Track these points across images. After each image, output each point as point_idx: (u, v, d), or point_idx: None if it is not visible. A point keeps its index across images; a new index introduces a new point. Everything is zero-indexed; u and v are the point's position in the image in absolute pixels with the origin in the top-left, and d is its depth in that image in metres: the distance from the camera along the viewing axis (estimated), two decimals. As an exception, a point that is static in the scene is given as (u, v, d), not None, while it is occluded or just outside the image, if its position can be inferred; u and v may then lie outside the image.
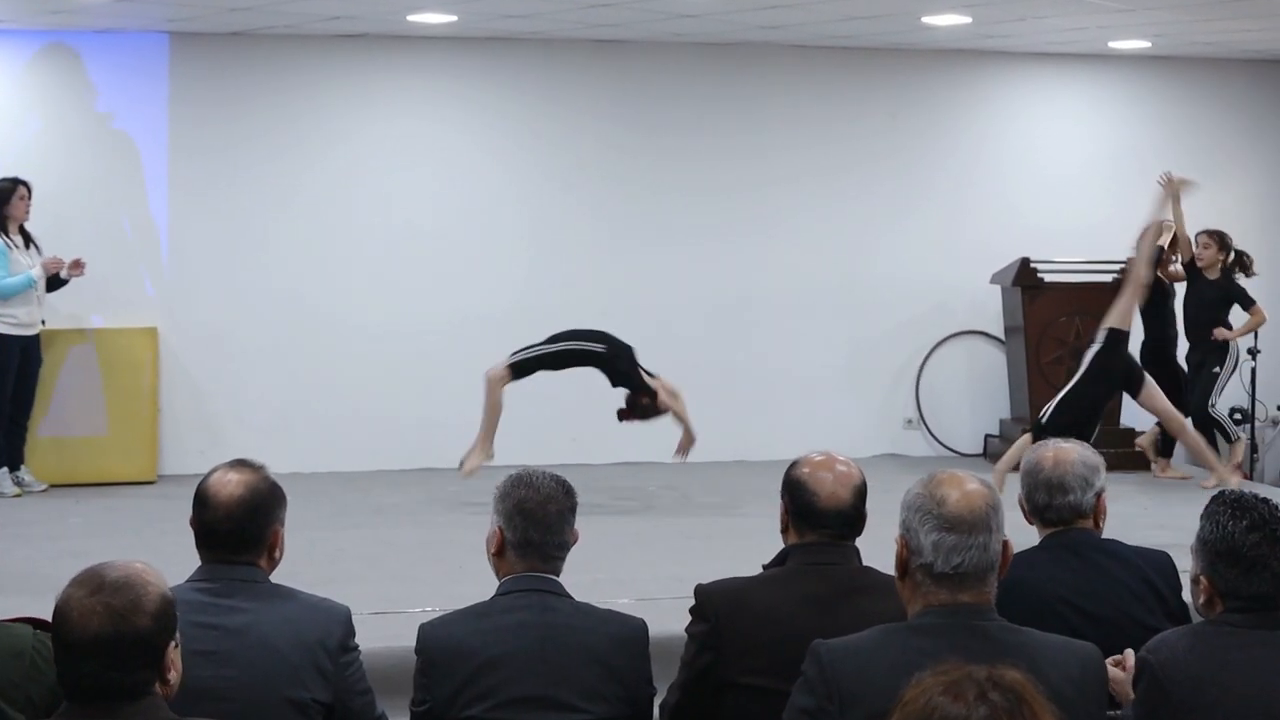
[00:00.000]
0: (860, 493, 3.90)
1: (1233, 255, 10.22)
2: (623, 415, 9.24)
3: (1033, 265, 10.77)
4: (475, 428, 10.74)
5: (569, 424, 10.92)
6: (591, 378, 10.12)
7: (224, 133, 10.55)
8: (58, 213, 9.98)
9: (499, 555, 3.86)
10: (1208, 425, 10.06)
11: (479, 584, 4.20)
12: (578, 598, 3.92)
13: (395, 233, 10.77)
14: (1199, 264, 10.23)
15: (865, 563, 3.94)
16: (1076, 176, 11.56)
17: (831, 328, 11.31)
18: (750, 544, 8.27)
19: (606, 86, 11.11)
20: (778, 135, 11.26)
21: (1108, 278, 10.72)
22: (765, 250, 11.18)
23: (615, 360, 9.16)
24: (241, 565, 3.74)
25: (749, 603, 3.80)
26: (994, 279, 11.10)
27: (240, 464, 3.82)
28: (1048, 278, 10.79)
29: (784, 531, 3.98)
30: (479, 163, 10.94)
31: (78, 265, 9.70)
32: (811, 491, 3.87)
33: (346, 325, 10.70)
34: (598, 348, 9.21)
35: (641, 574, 7.41)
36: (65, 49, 10.33)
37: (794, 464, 3.97)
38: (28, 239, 9.62)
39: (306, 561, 7.52)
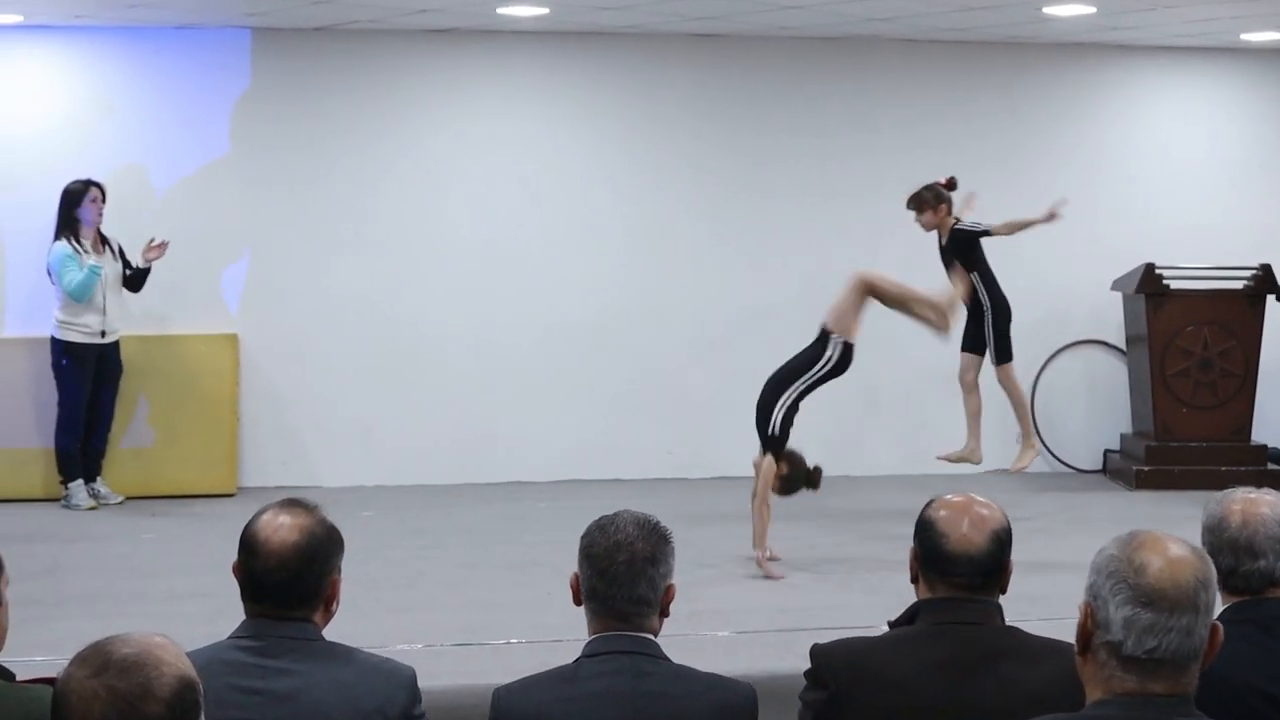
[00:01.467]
0: (1000, 539, 3.37)
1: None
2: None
3: (1158, 271, 10.13)
4: (566, 438, 10.33)
5: (666, 437, 10.44)
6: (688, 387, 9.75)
7: (307, 132, 10.17)
8: (136, 214, 9.64)
9: (581, 605, 3.37)
10: None
11: (567, 615, 3.82)
12: (672, 631, 3.47)
13: (484, 236, 10.33)
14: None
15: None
16: (1204, 177, 10.91)
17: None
18: (854, 573, 7.90)
19: (705, 83, 10.60)
20: (886, 135, 10.70)
21: (1238, 284, 10.10)
22: (872, 255, 10.59)
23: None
24: (293, 621, 3.26)
25: (874, 668, 3.29)
26: (1116, 285, 10.48)
27: (292, 505, 3.34)
28: (1173, 284, 10.15)
29: (914, 582, 3.46)
30: (572, 163, 10.48)
31: (155, 247, 9.32)
32: (941, 533, 3.36)
33: (433, 332, 10.28)
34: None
35: (741, 603, 6.90)
36: (145, 45, 9.98)
37: (928, 504, 3.46)
38: (105, 242, 9.27)
39: (385, 585, 7.15)
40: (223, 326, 10.01)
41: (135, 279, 9.37)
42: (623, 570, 3.28)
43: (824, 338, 7.92)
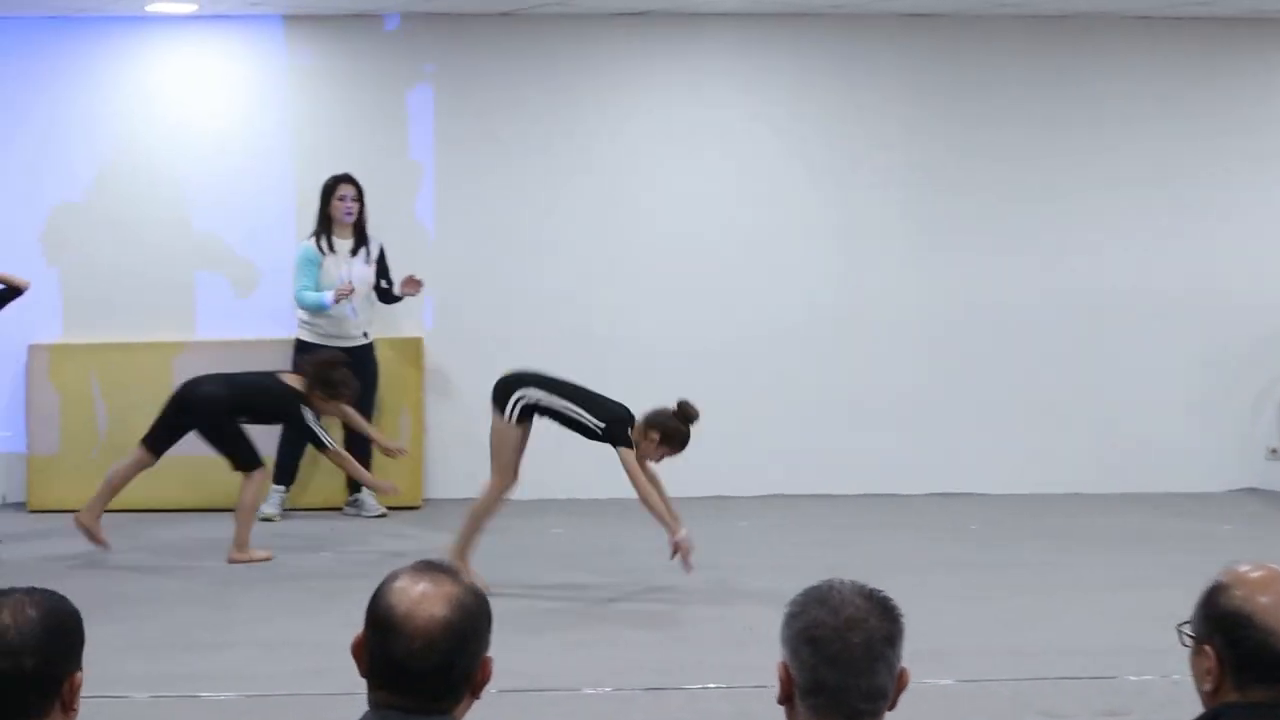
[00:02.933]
0: None
1: None
2: None
3: None
4: (772, 449, 9.64)
5: (879, 447, 9.70)
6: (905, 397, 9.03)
7: (492, 124, 9.63)
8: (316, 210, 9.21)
9: (788, 704, 2.64)
10: None
11: (771, 655, 3.03)
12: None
13: (683, 234, 9.68)
14: None
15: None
16: None
17: (1180, 343, 9.82)
18: (1092, 604, 7.14)
19: (920, 68, 9.80)
20: (1119, 126, 9.80)
21: None
22: (1103, 258, 9.76)
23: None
24: (433, 715, 2.60)
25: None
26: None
27: (432, 570, 2.65)
28: None
29: (1213, 691, 2.71)
30: (775, 156, 9.76)
31: (412, 283, 8.95)
32: (1266, 629, 2.61)
33: (629, 335, 9.66)
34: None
35: (966, 642, 6.14)
36: (316, 32, 9.54)
37: (1221, 588, 2.69)
38: (362, 241, 8.86)
39: (570, 614, 6.54)
40: (408, 330, 9.52)
41: (386, 296, 8.99)
42: (860, 654, 2.57)
43: None
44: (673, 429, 7.04)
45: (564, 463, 9.35)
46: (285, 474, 8.98)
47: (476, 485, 9.44)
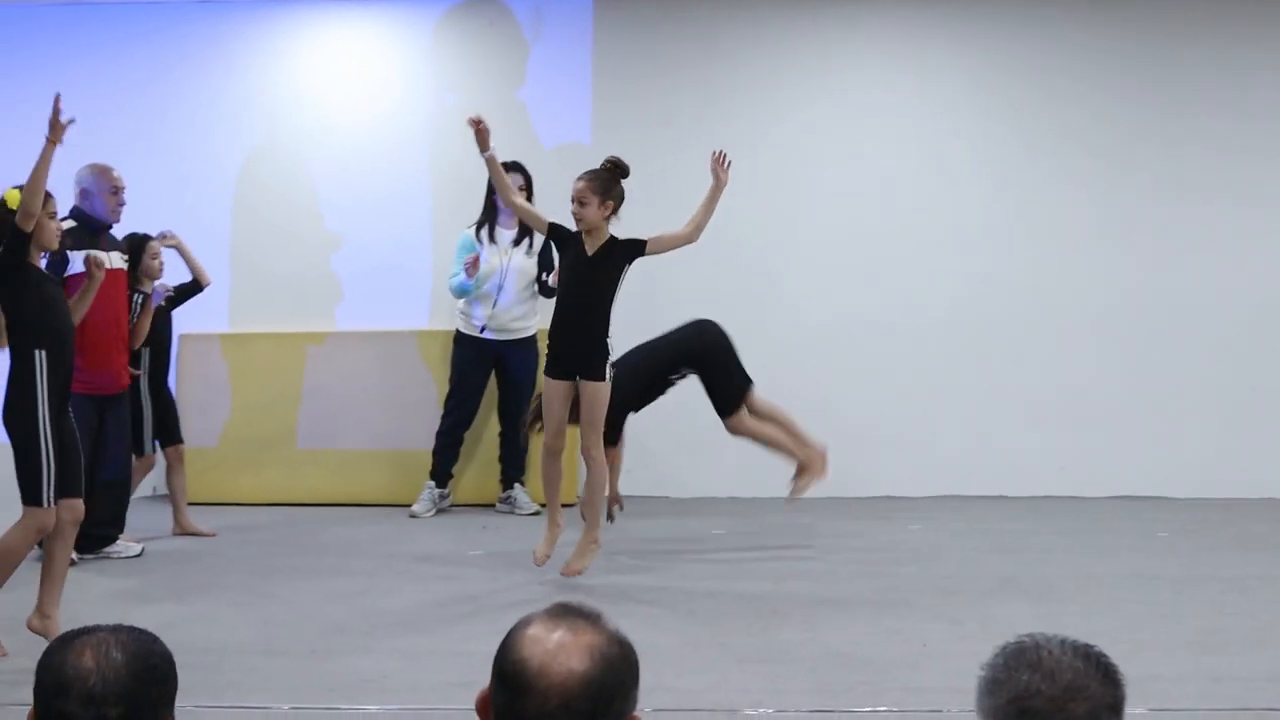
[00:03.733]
0: None
1: None
2: None
3: None
4: (944, 447, 9.15)
5: (1059, 448, 9.15)
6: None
7: (651, 108, 9.26)
8: (457, 197, 8.89)
9: None
10: None
11: (946, 676, 3.56)
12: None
13: (846, 227, 9.22)
14: None
15: None
16: None
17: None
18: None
19: (1109, 50, 9.22)
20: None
21: None
22: None
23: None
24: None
25: None
26: None
27: (570, 615, 2.25)
28: None
29: None
30: (945, 143, 9.25)
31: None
32: None
33: (796, 326, 9.23)
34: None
35: (1162, 666, 5.59)
36: (470, 16, 9.23)
37: None
38: (526, 231, 8.59)
39: (733, 624, 6.07)
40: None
41: (548, 290, 8.67)
42: None
43: None
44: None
45: (724, 462, 8.99)
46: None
47: (634, 483, 9.11)
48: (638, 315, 9.10)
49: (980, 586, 6.81)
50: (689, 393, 9.18)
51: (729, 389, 7.68)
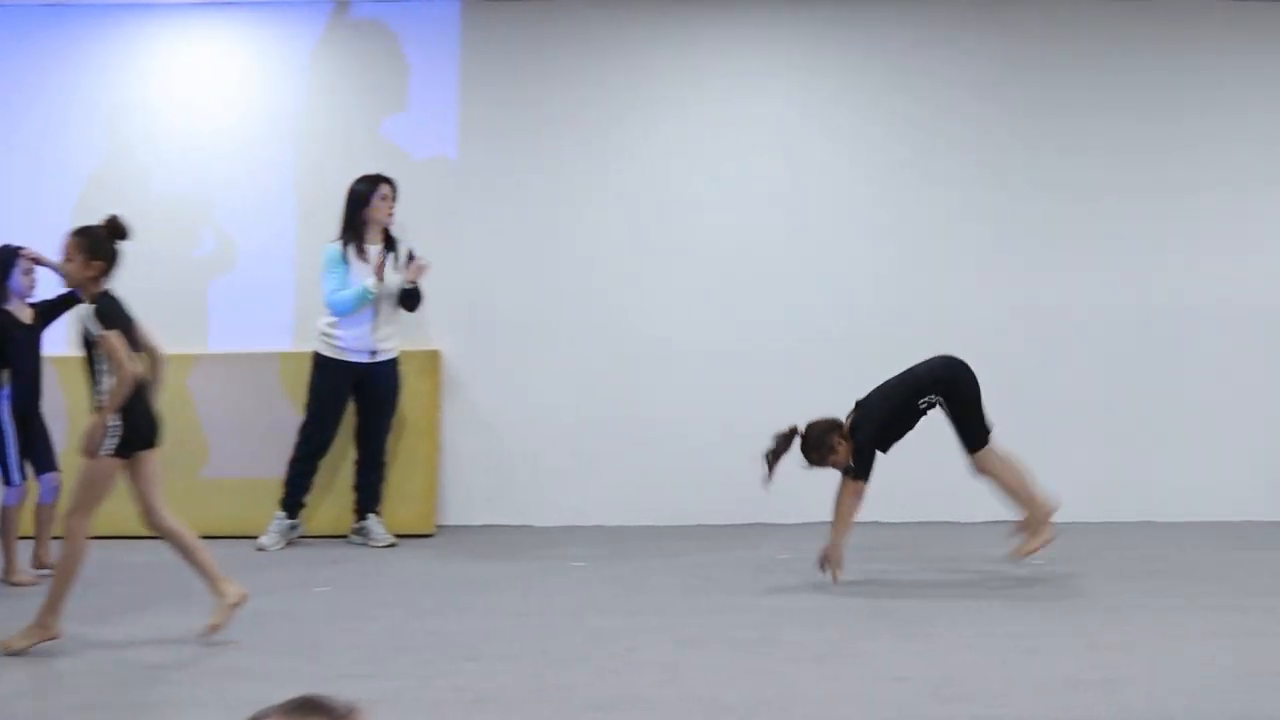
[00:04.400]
0: None
1: None
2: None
3: None
4: (812, 474, 8.85)
5: (929, 474, 8.88)
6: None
7: (519, 117, 8.90)
8: (329, 209, 8.50)
9: None
10: None
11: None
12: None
13: (721, 237, 8.93)
14: None
15: None
16: None
17: (1260, 353, 8.96)
18: None
19: (985, 53, 9.00)
20: (1211, 119, 8.97)
21: None
22: (1187, 268, 8.92)
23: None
24: None
25: None
26: None
27: (310, 714, 1.92)
28: None
29: None
30: (821, 150, 8.98)
31: (416, 269, 8.26)
32: None
33: (661, 349, 8.92)
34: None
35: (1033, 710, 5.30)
36: (337, 27, 8.84)
37: None
38: (391, 244, 8.17)
39: (585, 668, 5.75)
40: (422, 342, 8.78)
41: (406, 298, 8.28)
42: None
43: None
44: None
45: (592, 489, 8.67)
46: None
47: (495, 511, 8.79)
48: (511, 347, 8.80)
49: (848, 621, 6.50)
50: (555, 418, 8.86)
51: (977, 423, 7.34)
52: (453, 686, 5.46)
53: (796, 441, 7.24)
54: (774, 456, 7.17)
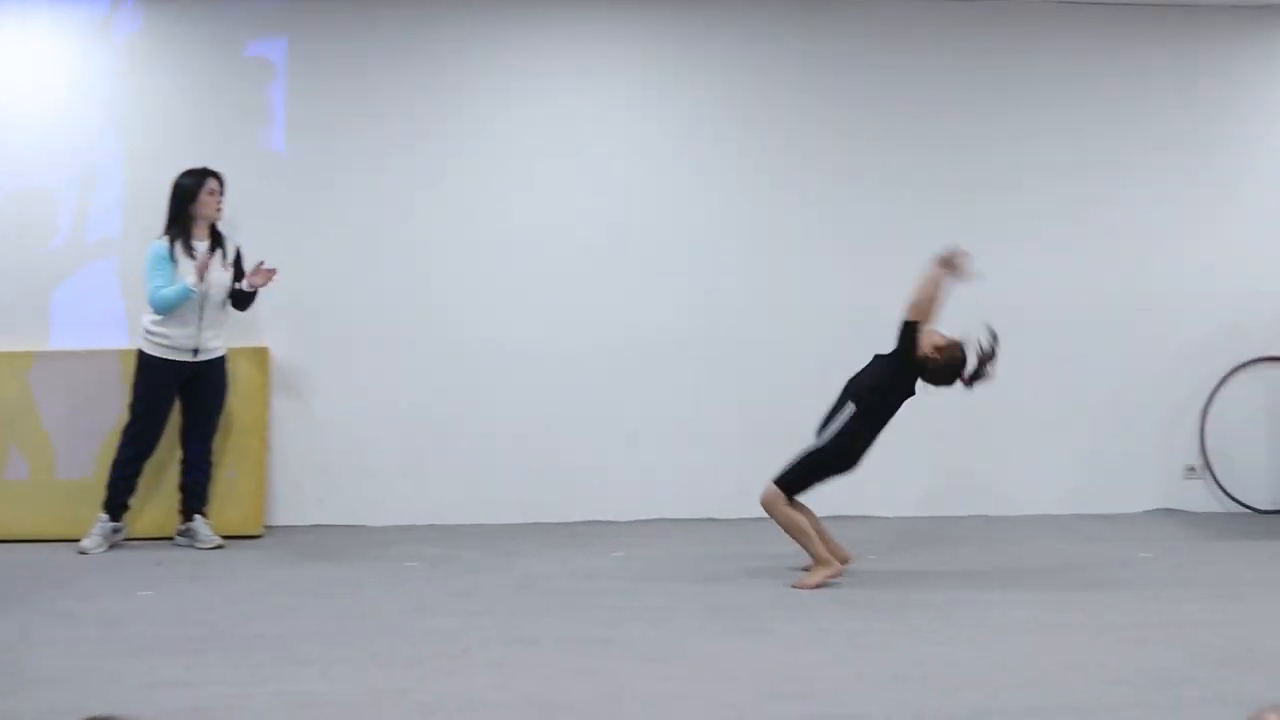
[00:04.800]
0: None
1: None
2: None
3: (1365, 274, 8.47)
4: (650, 469, 8.87)
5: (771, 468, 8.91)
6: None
7: (346, 111, 8.74)
8: (141, 205, 8.28)
9: None
10: None
11: None
12: None
13: (553, 236, 8.85)
14: None
15: None
16: None
17: (1095, 352, 9.15)
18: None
19: (823, 51, 9.04)
20: (1033, 117, 9.11)
21: None
22: (1015, 259, 9.03)
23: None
24: None
25: None
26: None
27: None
28: None
29: None
30: (658, 148, 8.96)
31: (263, 273, 8.04)
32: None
33: (497, 346, 8.82)
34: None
35: (869, 705, 5.32)
36: (162, 10, 8.61)
37: None
38: (218, 241, 7.96)
39: (420, 669, 5.64)
40: (251, 339, 8.59)
41: (240, 299, 8.07)
42: None
43: None
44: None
45: (434, 488, 8.57)
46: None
47: (325, 512, 8.65)
48: (341, 345, 8.66)
49: (681, 619, 6.49)
50: (387, 417, 8.73)
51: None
52: (280, 692, 5.33)
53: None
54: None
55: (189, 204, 7.94)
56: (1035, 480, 9.11)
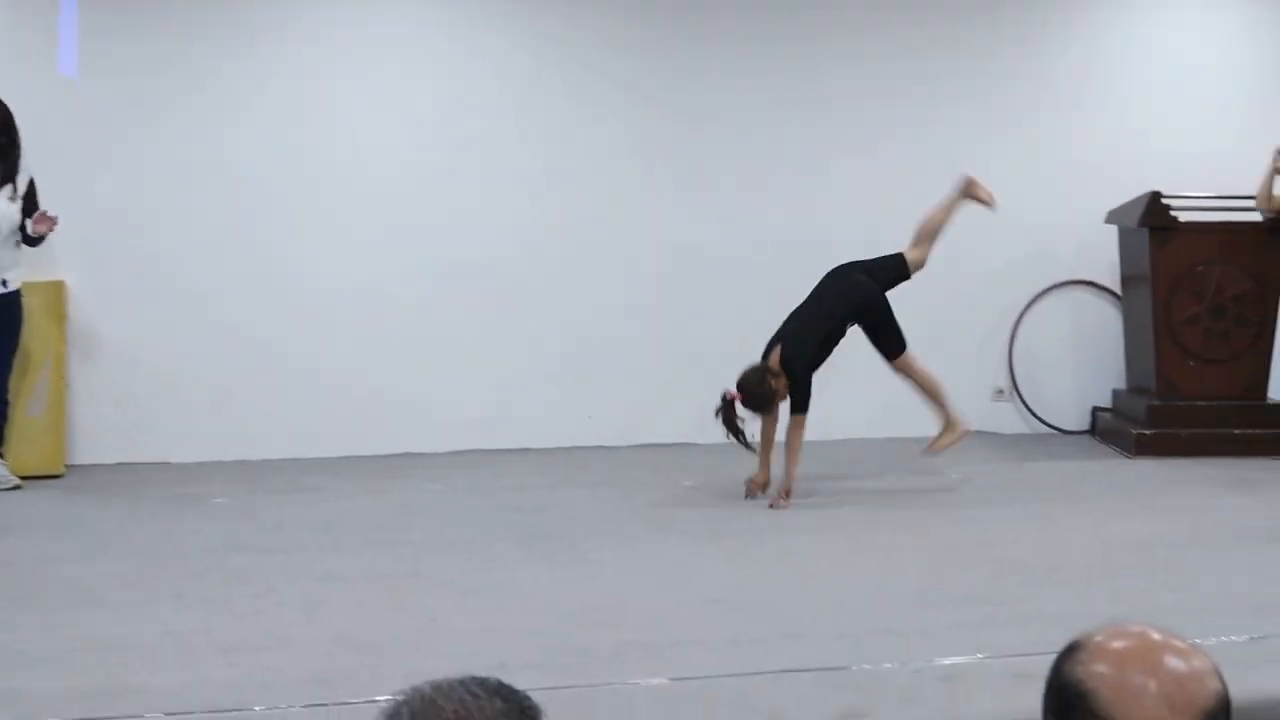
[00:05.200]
0: None
1: None
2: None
3: (1164, 201, 8.59)
4: (464, 401, 8.74)
5: (585, 398, 8.84)
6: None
7: (149, 39, 8.40)
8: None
9: None
10: None
11: (455, 657, 3.28)
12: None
13: (364, 164, 8.62)
14: None
15: None
16: (1219, 90, 9.38)
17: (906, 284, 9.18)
18: (817, 575, 6.00)
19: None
20: (837, 41, 9.09)
21: (1258, 217, 8.61)
22: (823, 184, 9.04)
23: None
24: None
25: None
26: (1111, 218, 8.94)
27: None
28: (1183, 216, 8.61)
29: None
30: (468, 75, 8.77)
31: (45, 220, 7.68)
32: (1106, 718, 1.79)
33: (305, 278, 8.58)
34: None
35: (680, 631, 5.29)
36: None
37: (1069, 650, 1.87)
38: (9, 174, 7.66)
39: (223, 610, 5.51)
40: (46, 272, 8.25)
41: (31, 240, 7.75)
42: None
43: None
44: None
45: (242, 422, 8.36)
46: None
47: (130, 448, 8.39)
48: (140, 279, 8.37)
49: (496, 550, 6.41)
50: (192, 350, 8.49)
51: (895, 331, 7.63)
52: (82, 635, 5.17)
53: (737, 403, 7.26)
54: (732, 427, 7.26)
55: None
56: (849, 403, 9.13)
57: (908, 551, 6.42)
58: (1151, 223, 8.55)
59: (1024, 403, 9.37)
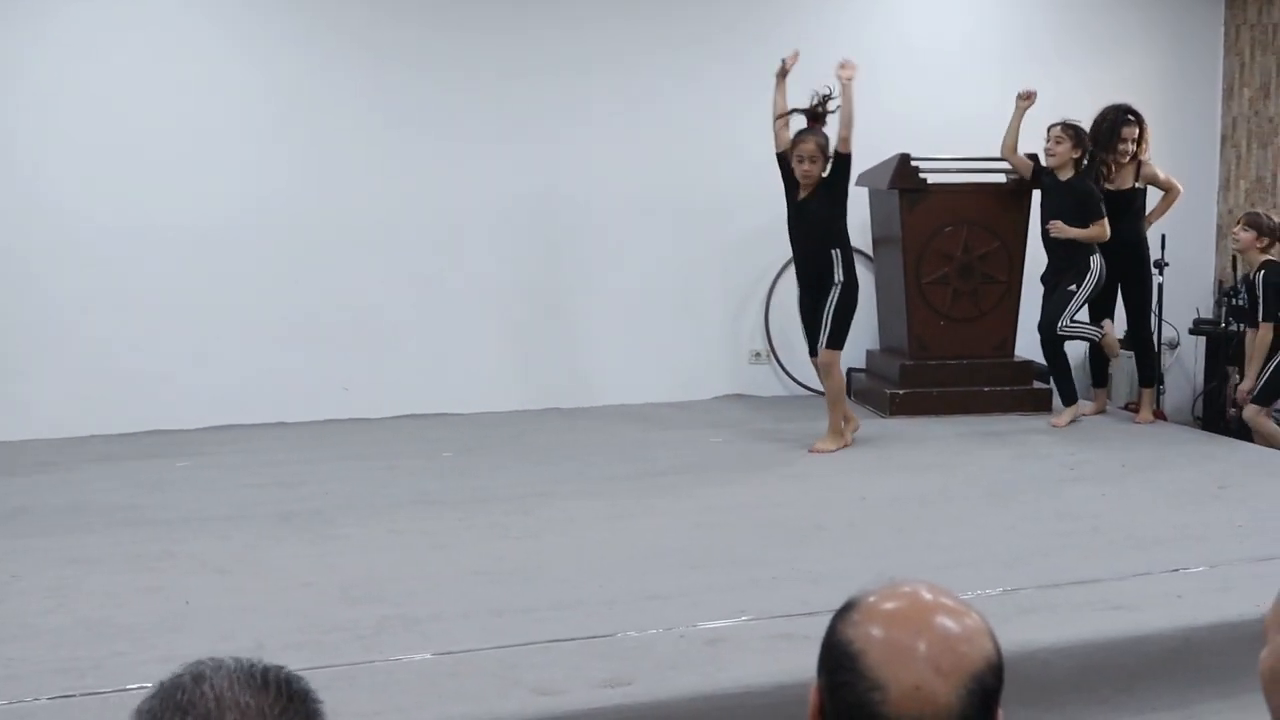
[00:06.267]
0: (983, 686, 1.77)
1: (1086, 155, 8.29)
2: None
3: (914, 163, 8.74)
4: (216, 374, 8.49)
5: (341, 369, 8.67)
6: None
7: None
8: None
9: None
10: (1056, 349, 8.32)
11: (208, 637, 3.24)
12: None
13: (105, 131, 8.28)
14: (1049, 163, 8.34)
15: None
16: (960, 57, 9.60)
17: (661, 242, 9.22)
18: (577, 540, 6.07)
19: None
20: (594, 5, 9.04)
21: (1001, 178, 8.82)
22: (574, 146, 9.00)
23: None
24: None
25: None
26: (861, 180, 9.05)
27: None
28: (931, 179, 8.78)
29: None
30: (203, 32, 8.47)
31: None
32: (871, 682, 1.76)
33: (41, 249, 8.23)
34: None
35: (442, 604, 5.20)
36: None
37: (847, 609, 1.84)
38: None
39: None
40: None
41: None
42: None
43: None
44: None
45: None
46: None
47: None
48: None
49: (251, 528, 6.23)
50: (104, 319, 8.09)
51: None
52: None
53: None
54: None
55: None
56: (610, 371, 9.14)
57: (673, 516, 6.42)
58: (901, 185, 8.71)
59: (781, 365, 9.48)
